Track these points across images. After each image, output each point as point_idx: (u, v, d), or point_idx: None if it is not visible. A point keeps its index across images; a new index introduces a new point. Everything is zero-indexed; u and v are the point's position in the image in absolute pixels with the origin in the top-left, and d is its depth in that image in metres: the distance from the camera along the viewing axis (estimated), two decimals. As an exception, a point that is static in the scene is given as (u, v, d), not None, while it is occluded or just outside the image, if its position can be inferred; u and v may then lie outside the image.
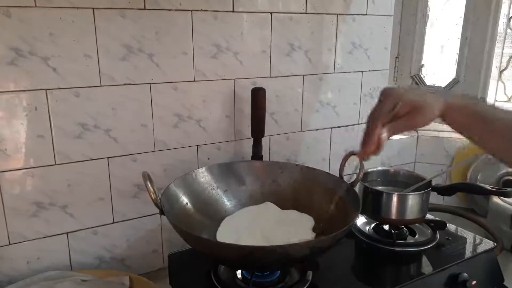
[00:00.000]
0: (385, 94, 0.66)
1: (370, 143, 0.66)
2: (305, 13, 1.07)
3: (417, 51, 1.37)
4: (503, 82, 1.47)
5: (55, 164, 0.85)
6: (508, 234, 1.11)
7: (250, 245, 0.69)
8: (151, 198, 0.72)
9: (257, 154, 1.01)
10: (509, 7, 1.38)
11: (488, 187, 0.96)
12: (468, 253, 0.92)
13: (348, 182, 0.87)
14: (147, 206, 0.94)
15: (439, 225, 0.98)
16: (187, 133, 0.98)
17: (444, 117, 0.65)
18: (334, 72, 1.17)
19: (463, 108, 0.63)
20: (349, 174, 0.92)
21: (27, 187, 0.83)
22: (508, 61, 1.44)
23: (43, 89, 0.81)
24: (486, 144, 0.66)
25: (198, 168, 0.94)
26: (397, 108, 0.63)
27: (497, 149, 0.65)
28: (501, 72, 1.46)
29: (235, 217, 0.89)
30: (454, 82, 1.27)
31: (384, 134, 0.64)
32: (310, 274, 0.81)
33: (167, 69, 0.92)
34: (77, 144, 0.86)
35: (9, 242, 0.84)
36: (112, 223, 0.94)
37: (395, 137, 1.39)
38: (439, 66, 1.37)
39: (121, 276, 0.87)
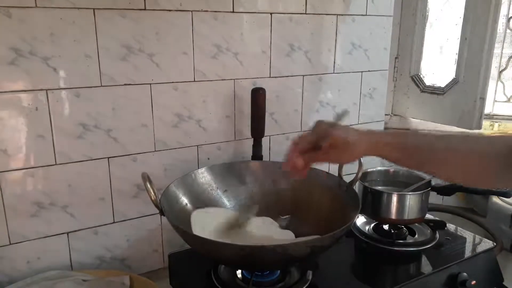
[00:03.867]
0: (315, 125, 0.68)
1: (285, 165, 0.68)
2: (305, 13, 1.07)
3: (417, 52, 1.37)
4: (502, 82, 1.47)
5: (56, 164, 0.85)
6: (508, 234, 1.11)
7: (250, 245, 0.69)
8: (151, 198, 0.72)
9: (257, 154, 1.01)
10: (509, 8, 1.38)
11: (487, 187, 0.96)
12: (467, 253, 0.92)
13: (348, 182, 0.87)
14: (147, 206, 0.94)
15: (438, 225, 0.98)
16: (187, 133, 0.98)
17: (376, 155, 0.67)
18: (333, 73, 1.17)
19: (393, 144, 0.65)
20: (348, 174, 0.92)
21: (28, 187, 0.83)
22: (508, 61, 1.44)
23: (43, 89, 0.81)
24: (427, 171, 0.69)
25: (198, 168, 0.94)
26: (320, 141, 0.65)
27: (443, 174, 0.67)
28: (500, 72, 1.46)
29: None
30: (454, 82, 1.27)
31: (300, 162, 0.67)
32: (310, 273, 0.81)
33: (168, 69, 0.92)
34: (77, 144, 0.86)
35: (10, 242, 0.84)
36: (113, 223, 0.94)
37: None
38: (438, 66, 1.37)
39: (121, 276, 0.87)
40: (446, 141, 0.65)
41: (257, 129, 1.00)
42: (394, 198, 0.93)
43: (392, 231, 0.96)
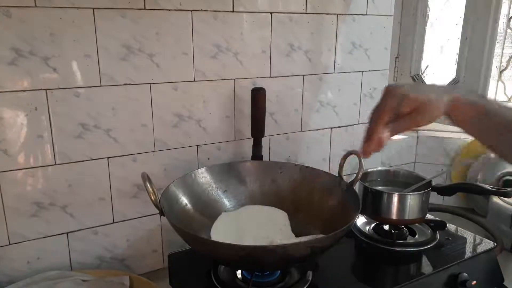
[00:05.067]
0: (387, 92, 0.64)
1: (370, 143, 0.63)
2: (305, 13, 1.07)
3: (417, 51, 1.37)
4: (503, 82, 1.47)
5: (55, 164, 0.85)
6: (508, 234, 1.11)
7: (250, 245, 0.69)
8: (151, 199, 0.72)
9: (257, 154, 1.01)
10: (509, 7, 1.38)
11: (488, 187, 0.96)
12: (468, 253, 0.92)
13: (348, 182, 0.87)
14: (147, 206, 0.94)
15: (439, 225, 0.98)
16: (187, 133, 0.98)
17: (450, 114, 0.63)
18: (334, 72, 1.17)
19: (470, 104, 0.62)
20: (348, 174, 0.92)
21: (27, 187, 0.83)
22: (508, 61, 1.44)
23: (43, 89, 0.81)
24: (492, 141, 0.65)
25: (198, 168, 0.94)
26: (400, 107, 0.61)
27: (503, 146, 0.64)
28: (501, 72, 1.46)
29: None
30: (454, 82, 1.27)
31: (386, 134, 0.62)
32: (310, 274, 0.81)
33: (167, 69, 0.92)
34: (77, 144, 0.86)
35: (9, 242, 0.84)
36: (112, 223, 0.94)
37: (394, 137, 1.39)
38: (439, 66, 1.37)
39: (121, 276, 0.87)
40: None
41: (257, 129, 1.00)
42: (395, 198, 0.93)
43: (393, 231, 0.96)
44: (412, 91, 0.62)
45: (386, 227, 0.98)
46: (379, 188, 0.99)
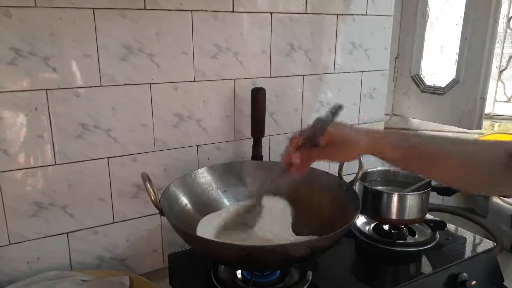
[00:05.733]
0: (314, 122, 0.67)
1: (282, 163, 0.69)
2: (305, 13, 1.07)
3: (417, 51, 1.37)
4: (503, 82, 1.47)
5: (55, 164, 0.85)
6: (508, 234, 1.11)
7: (250, 245, 0.69)
8: (151, 199, 0.72)
9: (257, 154, 1.01)
10: (509, 7, 1.38)
11: (487, 187, 0.96)
12: (467, 253, 0.92)
13: (348, 182, 0.87)
14: (147, 206, 0.94)
15: (438, 225, 0.98)
16: (187, 133, 0.98)
17: (376, 154, 0.66)
18: (334, 72, 1.17)
19: (394, 143, 0.64)
20: (348, 174, 0.92)
21: (27, 187, 0.83)
22: (508, 61, 1.44)
23: (43, 89, 0.81)
24: (428, 175, 0.67)
25: (198, 168, 0.94)
26: (317, 138, 0.65)
27: (445, 178, 0.66)
28: (501, 72, 1.46)
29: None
30: (454, 82, 1.27)
31: (296, 158, 0.67)
32: (310, 274, 0.81)
33: (167, 69, 0.92)
34: (77, 144, 0.86)
35: (9, 242, 0.84)
36: (112, 223, 0.94)
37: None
38: (439, 66, 1.37)
39: (121, 276, 0.87)
40: (451, 144, 0.64)
41: (257, 129, 1.00)
42: (395, 198, 0.93)
43: (392, 231, 0.96)
44: (334, 127, 0.65)
45: (386, 227, 0.98)
46: (379, 188, 1.00)
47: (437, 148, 0.63)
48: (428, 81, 1.38)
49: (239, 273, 0.82)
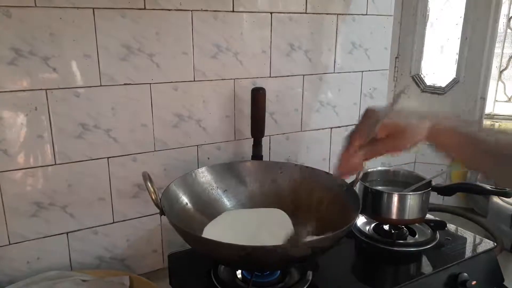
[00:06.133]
0: (366, 114, 0.63)
1: (344, 166, 0.63)
2: (305, 13, 1.07)
3: (417, 51, 1.37)
4: (503, 82, 1.47)
5: (55, 164, 0.85)
6: (508, 234, 1.11)
7: (250, 245, 0.69)
8: (151, 198, 0.72)
9: (257, 154, 1.01)
10: (509, 7, 1.39)
11: (488, 187, 0.96)
12: (468, 253, 0.92)
13: (348, 182, 0.87)
14: (147, 206, 0.94)
15: (439, 225, 0.98)
16: (187, 133, 0.98)
17: (432, 141, 0.62)
18: (334, 72, 1.17)
19: (453, 130, 0.61)
20: (349, 174, 0.92)
21: (27, 187, 0.83)
22: (508, 61, 1.44)
23: (43, 89, 0.81)
24: (479, 166, 0.64)
25: (198, 168, 0.94)
26: (375, 131, 0.60)
27: (490, 170, 0.62)
28: (501, 72, 1.46)
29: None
30: (454, 82, 1.28)
31: (359, 158, 0.61)
32: (310, 274, 0.81)
33: (167, 69, 0.92)
34: (77, 144, 0.86)
35: (9, 242, 0.84)
36: (112, 223, 0.94)
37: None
38: (439, 66, 1.38)
39: (121, 276, 0.87)
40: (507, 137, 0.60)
41: (257, 129, 1.00)
42: (395, 198, 0.93)
43: (393, 231, 0.96)
44: (389, 115, 0.61)
45: (386, 227, 0.98)
46: (379, 188, 1.00)
47: (492, 138, 0.60)
48: (428, 81, 1.38)
49: (239, 273, 0.82)
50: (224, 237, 0.70)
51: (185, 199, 0.86)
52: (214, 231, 0.83)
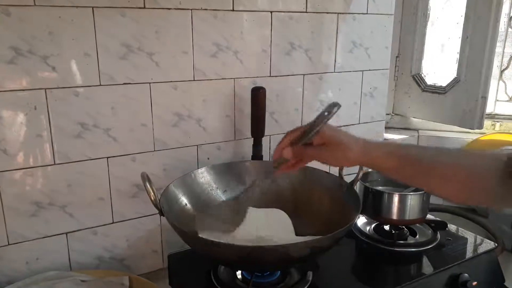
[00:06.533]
0: (314, 120, 0.66)
1: (274, 157, 0.67)
2: (306, 12, 1.07)
3: (418, 50, 1.37)
4: (504, 82, 1.47)
5: (55, 164, 0.85)
6: (509, 235, 1.11)
7: (250, 245, 0.69)
8: (151, 199, 0.72)
9: (257, 154, 1.01)
10: (510, 6, 1.39)
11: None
12: (469, 253, 0.92)
13: (348, 182, 0.87)
14: (147, 206, 0.94)
15: (440, 226, 0.98)
16: (187, 133, 0.98)
17: (370, 164, 0.65)
18: (334, 72, 1.17)
19: (390, 152, 0.62)
20: (349, 174, 0.92)
21: (27, 187, 0.83)
22: (509, 60, 1.44)
23: (42, 89, 0.81)
24: (422, 185, 0.66)
25: (198, 168, 0.94)
26: (311, 136, 0.63)
27: (443, 191, 0.64)
28: (502, 71, 1.46)
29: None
30: (455, 82, 1.27)
31: (288, 152, 0.65)
32: (310, 274, 0.81)
33: (167, 68, 0.92)
34: (76, 143, 0.86)
35: (8, 242, 0.84)
36: (112, 223, 0.94)
37: (397, 137, 1.39)
38: (440, 65, 1.38)
39: (120, 276, 0.87)
40: (448, 155, 0.63)
41: (257, 129, 1.00)
42: (395, 199, 0.93)
43: (393, 232, 0.96)
44: (329, 128, 0.64)
45: (386, 227, 0.98)
46: (380, 188, 1.00)
47: (434, 158, 0.62)
48: (429, 80, 1.38)
49: (239, 273, 0.82)
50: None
51: (184, 200, 0.86)
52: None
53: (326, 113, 0.64)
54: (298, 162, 0.68)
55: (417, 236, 0.97)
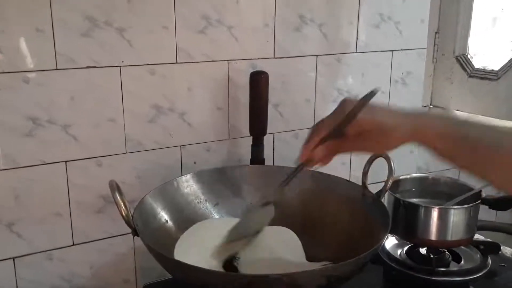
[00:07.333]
0: (341, 105, 0.66)
1: (302, 157, 0.69)
2: (319, -25, 1.08)
3: (463, 25, 1.37)
4: None
5: (-2, 169, 0.85)
6: None
7: (250, 273, 0.69)
8: (121, 214, 0.72)
9: (257, 156, 1.01)
10: None
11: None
12: (528, 284, 0.92)
13: (374, 192, 0.87)
14: (116, 224, 0.94)
15: (490, 248, 0.98)
16: (168, 130, 0.98)
17: (420, 143, 0.65)
18: (356, 52, 1.17)
19: (444, 134, 0.63)
20: (375, 183, 0.92)
21: (-38, 199, 0.84)
22: None
23: (-18, 74, 0.81)
24: (480, 174, 0.66)
25: (181, 174, 0.95)
26: (345, 127, 0.64)
27: (496, 179, 0.63)
28: None
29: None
30: (510, 65, 1.28)
31: (319, 153, 0.66)
32: (326, 310, 0.81)
33: (142, 48, 0.92)
34: (26, 144, 0.86)
35: None
36: (72, 245, 0.94)
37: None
38: (491, 44, 1.38)
39: (82, 313, 0.87)
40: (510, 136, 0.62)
41: (258, 125, 1.00)
42: (434, 214, 0.93)
43: (431, 256, 0.96)
44: (366, 111, 0.64)
45: (423, 250, 0.98)
46: (414, 200, 1.00)
47: (500, 142, 0.62)
48: (477, 63, 1.38)
49: (233, 308, 0.82)
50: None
51: (164, 215, 0.86)
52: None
53: (360, 100, 0.65)
54: (329, 158, 0.69)
55: (462, 262, 0.97)
